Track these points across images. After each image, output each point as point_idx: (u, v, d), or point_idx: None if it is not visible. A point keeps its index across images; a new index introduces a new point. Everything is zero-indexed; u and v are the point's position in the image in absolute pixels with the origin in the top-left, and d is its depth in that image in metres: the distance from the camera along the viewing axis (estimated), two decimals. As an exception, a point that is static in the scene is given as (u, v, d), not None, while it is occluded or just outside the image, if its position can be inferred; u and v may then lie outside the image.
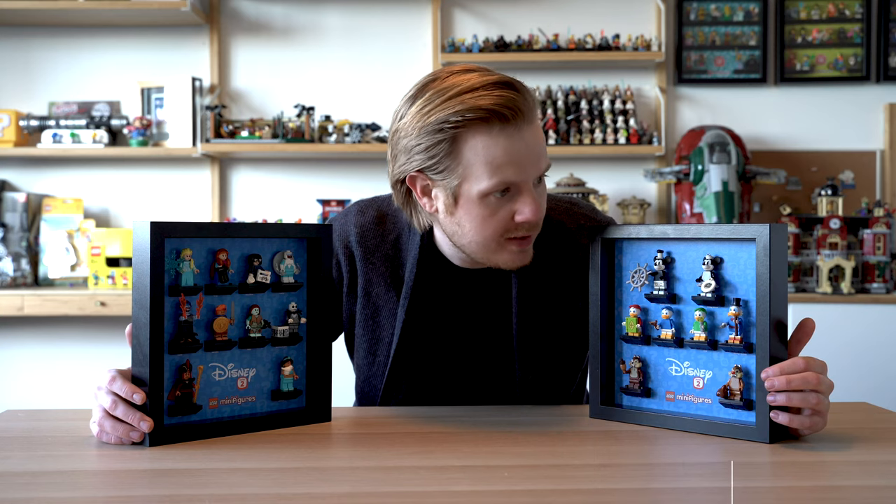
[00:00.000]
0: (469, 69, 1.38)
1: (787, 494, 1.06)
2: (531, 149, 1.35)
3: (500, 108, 1.32)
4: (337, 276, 1.59)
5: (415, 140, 1.36)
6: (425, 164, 1.37)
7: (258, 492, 1.06)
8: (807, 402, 1.23)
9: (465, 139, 1.34)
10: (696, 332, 1.35)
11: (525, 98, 1.34)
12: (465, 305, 1.55)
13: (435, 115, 1.33)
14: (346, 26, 3.90)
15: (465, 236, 1.42)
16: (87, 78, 3.91)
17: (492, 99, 1.32)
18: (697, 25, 3.88)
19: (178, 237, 1.30)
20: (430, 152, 1.36)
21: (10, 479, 1.10)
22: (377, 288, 1.56)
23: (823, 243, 3.42)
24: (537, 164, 1.37)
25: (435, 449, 1.27)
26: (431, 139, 1.35)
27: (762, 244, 1.27)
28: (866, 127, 3.89)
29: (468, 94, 1.33)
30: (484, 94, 1.32)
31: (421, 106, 1.36)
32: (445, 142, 1.34)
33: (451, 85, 1.35)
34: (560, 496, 1.05)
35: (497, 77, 1.35)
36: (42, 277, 3.80)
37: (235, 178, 3.92)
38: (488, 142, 1.33)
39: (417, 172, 1.39)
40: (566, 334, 1.55)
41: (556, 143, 3.68)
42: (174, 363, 1.30)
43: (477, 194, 1.36)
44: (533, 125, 1.36)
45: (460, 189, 1.37)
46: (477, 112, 1.31)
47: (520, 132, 1.34)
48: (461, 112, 1.32)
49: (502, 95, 1.32)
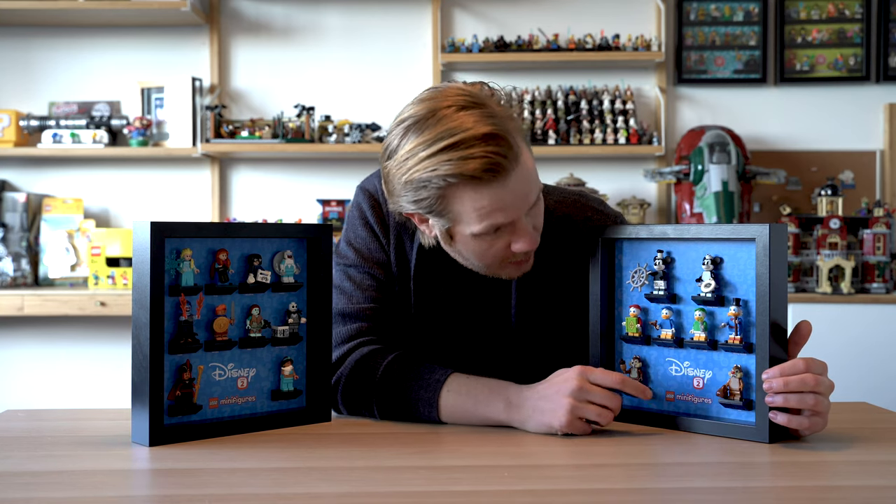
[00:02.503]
0: (462, 105, 1.32)
1: (787, 494, 1.06)
2: (518, 192, 1.34)
3: (482, 173, 1.29)
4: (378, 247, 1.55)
5: (402, 190, 1.35)
6: (416, 211, 1.37)
7: (258, 492, 1.06)
8: (804, 404, 1.23)
9: (452, 194, 1.32)
10: (696, 332, 1.35)
11: (511, 146, 1.31)
12: (464, 296, 1.55)
13: (419, 174, 1.31)
14: (346, 26, 3.90)
15: (466, 260, 1.44)
16: (87, 78, 3.91)
17: (475, 163, 1.28)
18: (697, 25, 3.88)
19: (178, 237, 1.30)
20: (418, 204, 1.35)
21: (10, 479, 1.10)
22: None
23: (823, 243, 3.42)
24: (526, 201, 1.36)
25: (435, 449, 1.27)
26: (416, 194, 1.34)
27: (762, 244, 1.27)
28: (866, 127, 3.89)
29: (452, 151, 1.29)
30: (467, 156, 1.28)
31: (405, 157, 1.32)
32: (430, 197, 1.33)
33: (437, 136, 1.30)
34: (560, 496, 1.05)
35: (485, 127, 1.29)
36: (42, 277, 3.80)
37: (235, 178, 3.92)
38: (475, 196, 1.32)
39: (411, 212, 1.39)
40: (567, 327, 1.55)
41: (556, 143, 3.68)
42: (174, 363, 1.30)
43: (470, 235, 1.37)
44: (519, 167, 1.33)
45: (454, 230, 1.38)
46: (460, 178, 1.30)
47: (505, 183, 1.32)
48: (443, 176, 1.30)
49: (486, 155, 1.28)
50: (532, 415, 1.33)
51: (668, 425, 1.36)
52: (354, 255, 1.54)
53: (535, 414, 1.32)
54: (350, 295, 1.52)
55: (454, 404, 1.38)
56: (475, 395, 1.38)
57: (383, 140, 1.41)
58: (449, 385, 1.39)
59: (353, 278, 1.53)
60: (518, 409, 1.35)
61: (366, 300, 1.52)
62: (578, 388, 1.30)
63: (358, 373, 1.45)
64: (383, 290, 1.53)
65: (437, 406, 1.39)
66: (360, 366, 1.46)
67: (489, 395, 1.37)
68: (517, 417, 1.35)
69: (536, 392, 1.34)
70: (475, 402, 1.37)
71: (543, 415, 1.31)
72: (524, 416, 1.34)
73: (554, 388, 1.32)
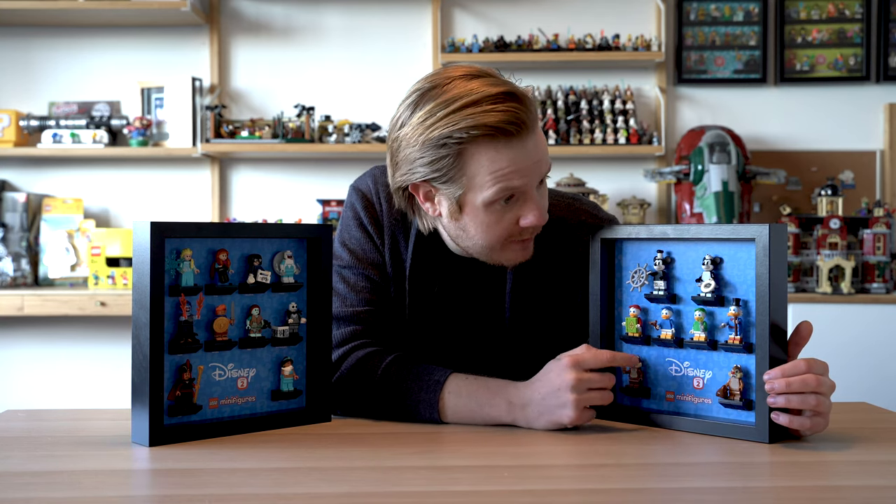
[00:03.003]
0: (470, 74, 1.36)
1: (787, 494, 1.06)
2: (533, 156, 1.36)
3: (505, 125, 1.31)
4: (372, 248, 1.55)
5: (417, 153, 1.36)
6: (429, 176, 1.37)
7: (258, 492, 1.06)
8: (806, 404, 1.23)
9: (471, 153, 1.34)
10: (695, 333, 1.35)
11: (528, 108, 1.34)
12: (459, 294, 1.55)
13: (438, 131, 1.33)
14: (346, 26, 3.90)
15: (470, 239, 1.43)
16: (87, 78, 3.91)
17: (496, 116, 1.31)
18: (697, 25, 3.88)
19: (178, 237, 1.30)
20: (433, 165, 1.35)
21: (10, 479, 1.10)
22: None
23: (823, 243, 3.42)
24: (539, 170, 1.38)
25: (435, 449, 1.27)
26: (435, 153, 1.34)
27: (762, 244, 1.27)
28: (866, 127, 3.89)
29: (472, 108, 1.32)
30: (488, 109, 1.31)
31: (423, 118, 1.34)
32: (450, 156, 1.34)
33: (453, 97, 1.33)
34: (560, 496, 1.05)
35: (500, 87, 1.33)
36: (42, 277, 3.80)
37: (235, 178, 3.92)
38: (494, 155, 1.33)
39: (420, 182, 1.39)
40: (562, 329, 1.55)
41: (556, 143, 3.68)
42: (174, 363, 1.30)
43: (482, 203, 1.37)
44: (535, 132, 1.36)
45: (465, 198, 1.38)
46: (483, 129, 1.31)
47: (523, 143, 1.34)
48: (466, 129, 1.31)
49: (507, 110, 1.31)
50: (539, 415, 1.33)
51: (668, 425, 1.36)
52: (349, 257, 1.54)
53: (543, 414, 1.33)
54: (344, 297, 1.52)
55: (456, 406, 1.39)
56: (477, 397, 1.38)
57: (392, 118, 1.42)
58: (449, 386, 1.40)
59: (348, 280, 1.53)
60: (522, 410, 1.35)
61: (361, 302, 1.52)
62: (577, 380, 1.31)
63: (356, 376, 1.45)
64: (378, 292, 1.53)
65: (437, 408, 1.39)
66: (358, 369, 1.45)
67: (491, 397, 1.37)
68: (522, 417, 1.35)
69: (536, 391, 1.34)
70: (478, 403, 1.38)
71: (552, 414, 1.32)
72: (530, 417, 1.34)
73: (553, 386, 1.32)
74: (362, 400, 1.44)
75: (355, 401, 1.45)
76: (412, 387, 1.41)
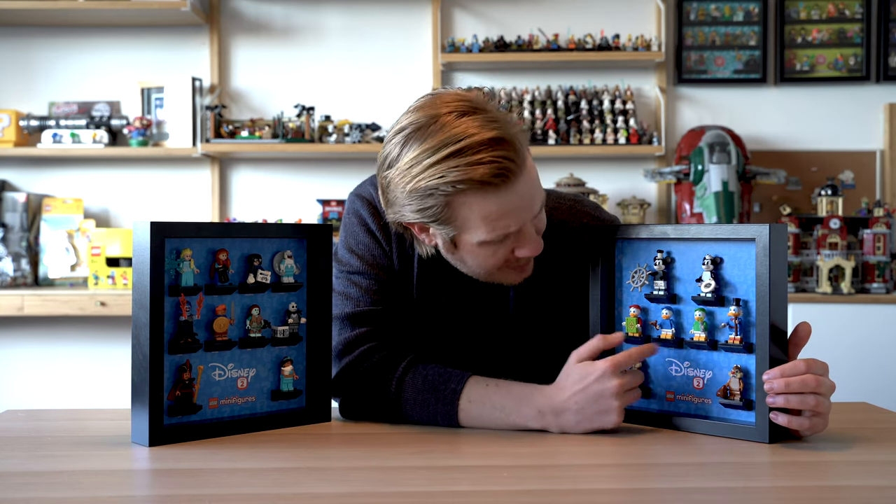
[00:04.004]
0: (460, 111, 1.31)
1: (787, 494, 1.06)
2: (525, 197, 1.34)
3: (491, 178, 1.28)
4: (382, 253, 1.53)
5: (405, 199, 1.33)
6: (419, 220, 1.35)
7: (258, 492, 1.06)
8: (805, 405, 1.23)
9: (460, 203, 1.31)
10: (696, 333, 1.35)
11: (517, 151, 1.30)
12: (463, 299, 1.55)
13: (424, 182, 1.29)
14: (346, 26, 3.90)
15: (468, 268, 1.44)
16: (87, 78, 3.91)
17: (484, 170, 1.27)
18: (697, 25, 3.88)
19: (178, 237, 1.30)
20: (423, 212, 1.33)
21: (10, 479, 1.10)
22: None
23: (823, 243, 3.42)
24: (532, 209, 1.36)
25: (435, 449, 1.27)
26: (422, 203, 1.32)
27: (762, 244, 1.27)
28: (866, 127, 3.89)
29: (458, 157, 1.28)
30: (474, 162, 1.27)
31: (410, 164, 1.31)
32: (437, 206, 1.32)
33: (440, 143, 1.29)
34: (560, 496, 1.05)
35: (487, 132, 1.29)
36: (42, 277, 3.80)
37: (235, 178, 3.92)
38: (483, 203, 1.31)
39: (414, 221, 1.38)
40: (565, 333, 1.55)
41: (556, 143, 3.68)
42: (174, 363, 1.30)
43: (476, 242, 1.36)
44: (524, 173, 1.32)
45: (459, 238, 1.37)
46: (469, 183, 1.28)
47: (514, 188, 1.31)
48: (452, 182, 1.28)
49: (493, 160, 1.28)
50: (578, 422, 1.32)
51: (668, 425, 1.36)
52: (359, 262, 1.52)
53: (582, 421, 1.32)
54: (357, 300, 1.49)
55: (478, 416, 1.37)
56: (501, 406, 1.36)
57: (381, 150, 1.39)
58: (468, 395, 1.38)
59: (359, 284, 1.50)
60: (556, 417, 1.33)
61: (373, 303, 1.50)
62: (619, 385, 1.30)
63: (371, 387, 1.42)
64: (388, 293, 1.52)
65: (456, 418, 1.37)
66: (373, 379, 1.42)
67: (516, 405, 1.35)
68: (555, 424, 1.33)
69: (571, 397, 1.32)
70: (503, 412, 1.36)
71: (592, 421, 1.31)
72: (566, 423, 1.33)
73: (594, 393, 1.31)
74: (378, 413, 1.42)
75: (371, 413, 1.43)
76: (428, 398, 1.39)
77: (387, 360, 1.44)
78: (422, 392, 1.39)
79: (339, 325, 1.48)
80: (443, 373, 1.41)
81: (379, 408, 1.42)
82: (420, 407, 1.39)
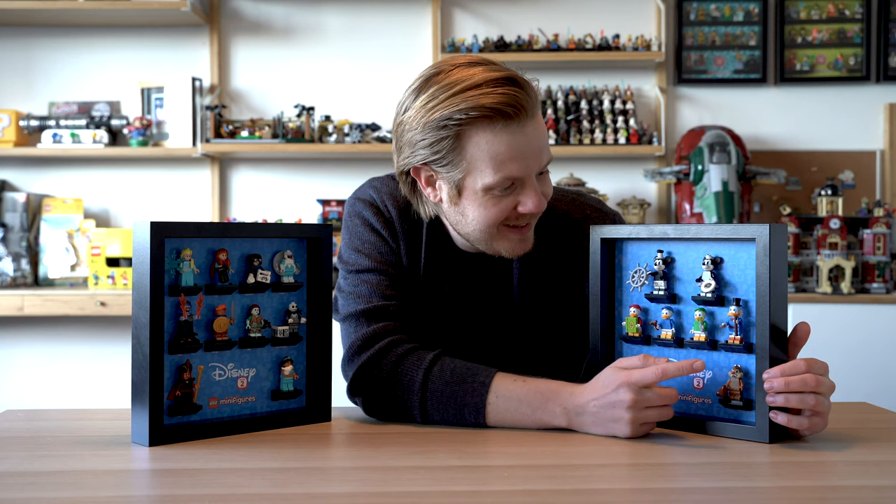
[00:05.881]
0: (473, 62, 1.40)
1: (787, 494, 1.06)
2: (533, 143, 1.38)
3: (503, 107, 1.34)
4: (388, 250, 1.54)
5: (419, 135, 1.39)
6: (429, 159, 1.40)
7: (258, 492, 1.06)
8: (805, 404, 1.23)
9: (469, 136, 1.37)
10: (696, 332, 1.35)
11: (528, 94, 1.37)
12: (468, 290, 1.56)
13: (439, 112, 1.36)
14: (346, 26, 3.90)
15: (468, 224, 1.45)
16: (87, 78, 3.91)
17: (495, 97, 1.34)
18: (697, 25, 3.88)
19: (178, 237, 1.30)
20: (433, 147, 1.38)
21: (10, 479, 1.10)
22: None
23: (823, 243, 3.42)
24: (539, 158, 1.40)
25: (435, 449, 1.27)
26: (435, 135, 1.37)
27: (762, 244, 1.27)
28: (866, 127, 3.89)
29: (472, 90, 1.35)
30: (488, 92, 1.34)
31: (425, 101, 1.38)
32: (449, 138, 1.37)
33: (454, 81, 1.37)
34: (560, 496, 1.05)
35: (501, 73, 1.37)
36: (42, 277, 3.80)
37: (235, 178, 3.92)
38: (492, 138, 1.36)
39: (422, 165, 1.42)
40: (569, 323, 1.56)
41: (556, 143, 3.68)
42: (174, 363, 1.30)
43: (481, 188, 1.39)
44: (535, 120, 1.39)
45: (464, 182, 1.40)
46: (481, 110, 1.34)
47: (522, 128, 1.37)
48: (465, 110, 1.34)
49: (506, 93, 1.34)
50: (593, 424, 1.32)
51: (668, 425, 1.36)
52: (367, 261, 1.51)
53: (597, 424, 1.31)
54: (369, 297, 1.48)
55: (506, 410, 1.36)
56: (529, 401, 1.35)
57: (396, 108, 1.45)
58: (496, 389, 1.37)
59: (369, 281, 1.50)
60: (578, 417, 1.33)
61: (386, 298, 1.49)
62: (634, 401, 1.28)
63: (397, 380, 1.40)
64: (399, 288, 1.52)
65: (484, 412, 1.37)
66: (398, 372, 1.40)
67: (544, 401, 1.35)
68: (577, 423, 1.33)
69: (593, 401, 1.31)
70: (530, 408, 1.35)
71: (605, 426, 1.31)
72: (585, 424, 1.32)
73: (609, 400, 1.30)
74: (404, 407, 1.40)
75: (396, 408, 1.41)
76: (456, 391, 1.37)
77: (413, 353, 1.42)
78: (450, 384, 1.38)
79: (354, 323, 1.46)
80: (470, 366, 1.40)
81: (404, 402, 1.39)
82: (447, 400, 1.37)
